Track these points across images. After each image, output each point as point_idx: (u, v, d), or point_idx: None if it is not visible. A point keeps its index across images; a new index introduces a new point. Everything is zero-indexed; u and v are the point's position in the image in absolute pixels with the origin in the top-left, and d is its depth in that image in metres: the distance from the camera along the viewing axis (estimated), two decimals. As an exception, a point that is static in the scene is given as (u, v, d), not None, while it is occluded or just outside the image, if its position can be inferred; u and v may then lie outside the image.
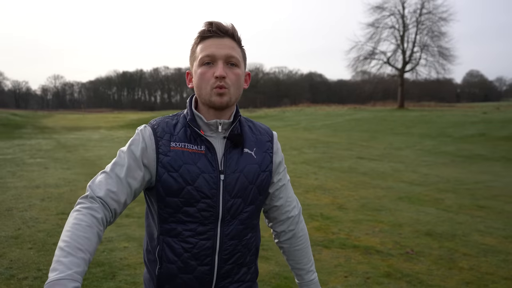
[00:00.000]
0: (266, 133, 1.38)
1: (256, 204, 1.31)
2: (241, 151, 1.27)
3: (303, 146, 15.19)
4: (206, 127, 1.25)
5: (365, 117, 26.64)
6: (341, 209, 6.02)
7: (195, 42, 1.25)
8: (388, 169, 10.03)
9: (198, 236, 1.21)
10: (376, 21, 38.31)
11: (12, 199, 6.24)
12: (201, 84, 1.21)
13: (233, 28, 1.23)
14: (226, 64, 1.21)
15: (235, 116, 1.29)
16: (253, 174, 1.27)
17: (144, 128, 1.26)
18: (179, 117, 1.30)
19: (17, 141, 16.58)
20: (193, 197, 1.20)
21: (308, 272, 1.42)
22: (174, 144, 1.21)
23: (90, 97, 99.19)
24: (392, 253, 4.18)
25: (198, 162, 1.20)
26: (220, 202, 1.22)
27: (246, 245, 1.30)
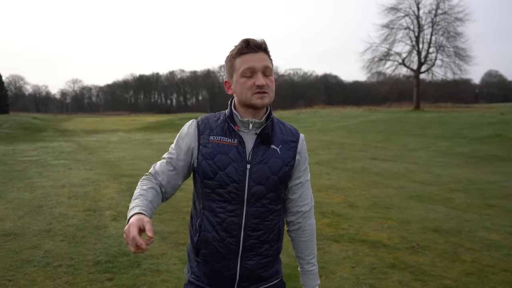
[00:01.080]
0: (293, 134, 1.61)
1: (276, 192, 1.54)
2: (268, 147, 1.51)
3: (317, 147, 15.39)
4: (241, 124, 1.51)
5: (380, 118, 26.65)
6: (352, 207, 6.25)
7: (232, 56, 1.49)
8: (401, 169, 10.19)
9: (227, 213, 1.48)
10: (391, 22, 38.17)
11: (41, 197, 6.65)
12: (243, 91, 1.47)
13: (264, 43, 1.49)
14: (263, 74, 1.46)
15: (267, 117, 1.54)
16: (276, 166, 1.50)
17: (191, 123, 1.57)
18: (221, 115, 1.57)
19: (40, 143, 17.19)
20: (224, 181, 1.46)
21: (308, 263, 1.65)
22: (213, 138, 1.49)
23: (108, 101, 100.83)
24: (398, 247, 4.41)
25: (230, 153, 1.47)
26: (246, 187, 1.47)
27: (267, 225, 1.52)
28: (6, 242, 4.43)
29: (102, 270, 3.72)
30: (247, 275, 1.52)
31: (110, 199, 6.55)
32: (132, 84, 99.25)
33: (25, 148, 14.87)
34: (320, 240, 4.65)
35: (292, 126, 1.65)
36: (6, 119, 29.10)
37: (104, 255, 4.08)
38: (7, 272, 3.65)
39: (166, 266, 3.84)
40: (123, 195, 6.84)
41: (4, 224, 5.11)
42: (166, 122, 32.40)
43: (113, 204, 6.25)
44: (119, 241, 4.49)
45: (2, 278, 3.51)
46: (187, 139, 1.53)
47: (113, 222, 5.26)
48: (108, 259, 3.98)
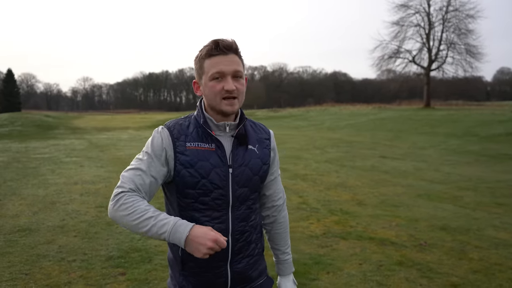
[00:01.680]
0: (265, 132, 1.61)
1: (258, 191, 1.57)
2: (246, 148, 1.49)
3: (326, 145, 15.40)
4: (216, 128, 1.47)
5: (389, 116, 26.53)
6: (360, 205, 6.28)
7: (201, 57, 1.43)
8: (410, 168, 10.17)
9: (213, 220, 1.43)
10: (401, 19, 37.92)
11: (54, 194, 6.79)
12: (212, 95, 1.42)
13: (235, 44, 1.42)
14: (233, 77, 1.41)
15: (241, 118, 1.51)
16: (257, 167, 1.51)
17: (162, 129, 1.46)
18: (190, 119, 1.51)
19: (51, 141, 17.45)
20: (207, 189, 1.41)
21: (283, 253, 1.70)
22: (190, 144, 1.42)
23: (118, 98, 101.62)
24: (406, 244, 4.45)
25: (211, 159, 1.42)
26: (230, 191, 1.44)
27: (252, 225, 1.54)
28: (21, 237, 4.55)
29: (114, 265, 3.82)
30: (238, 278, 1.52)
31: (122, 196, 6.66)
32: (142, 82, 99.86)
33: (37, 146, 15.11)
34: (328, 237, 4.70)
35: (260, 123, 1.66)
36: (19, 117, 29.53)
37: (116, 251, 4.18)
38: (23, 266, 3.77)
39: (176, 261, 3.92)
40: (134, 192, 6.94)
41: (20, 220, 5.25)
42: (175, 120, 32.51)
43: (125, 201, 6.35)
44: (131, 237, 4.59)
45: (19, 272, 3.63)
46: (161, 147, 1.42)
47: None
48: (120, 254, 4.08)
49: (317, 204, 6.29)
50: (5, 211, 5.65)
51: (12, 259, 3.92)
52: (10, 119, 27.25)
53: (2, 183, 7.63)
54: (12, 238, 4.54)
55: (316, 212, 5.82)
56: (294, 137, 18.74)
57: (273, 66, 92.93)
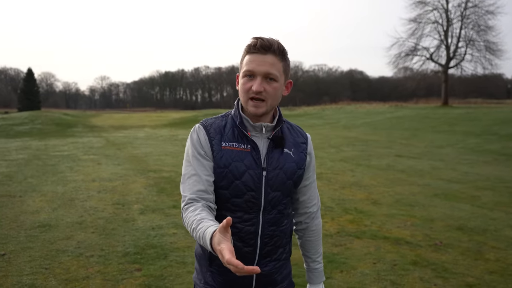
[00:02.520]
0: (302, 135, 1.57)
1: (291, 196, 1.54)
2: (282, 151, 1.46)
3: (341, 144, 15.32)
4: (252, 128, 1.44)
5: (406, 114, 26.22)
6: (375, 204, 6.25)
7: (244, 53, 1.41)
8: (426, 167, 10.05)
9: (244, 222, 1.42)
10: (418, 16, 37.37)
11: (73, 191, 6.94)
12: (241, 92, 1.41)
13: (276, 44, 1.37)
14: (265, 79, 1.36)
15: (278, 120, 1.47)
16: (291, 171, 1.46)
17: (199, 128, 1.46)
18: (227, 118, 1.49)
19: (70, 139, 17.77)
20: (240, 190, 1.40)
21: (314, 261, 1.66)
22: (225, 144, 1.41)
23: (135, 97, 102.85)
24: (421, 244, 4.42)
25: (245, 160, 1.40)
26: (263, 195, 1.42)
27: (283, 230, 1.50)
28: (41, 233, 4.68)
29: (131, 261, 3.90)
30: (263, 281, 1.51)
31: (138, 194, 6.77)
32: (158, 80, 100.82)
33: (56, 143, 15.42)
34: (342, 236, 4.70)
35: (298, 125, 1.62)
36: (39, 115, 30.14)
37: (132, 247, 4.26)
38: (43, 261, 3.87)
39: (191, 258, 3.98)
40: (150, 190, 7.05)
41: (40, 216, 5.39)
42: (191, 118, 32.82)
43: (141, 198, 6.46)
44: (147, 234, 4.67)
45: (39, 267, 3.74)
46: (200, 145, 1.43)
47: (141, 216, 5.45)
48: (137, 250, 4.16)
49: (331, 202, 6.29)
50: (26, 207, 5.80)
51: (33, 254, 4.03)
52: (31, 117, 27.85)
53: (23, 180, 7.83)
54: (33, 233, 4.67)
55: (331, 210, 5.81)
56: (309, 136, 18.68)
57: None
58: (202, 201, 1.36)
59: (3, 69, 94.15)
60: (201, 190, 1.37)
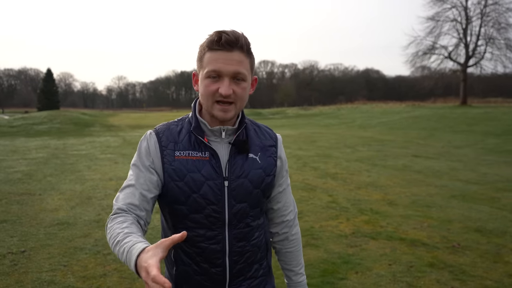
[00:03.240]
0: (271, 137, 1.39)
1: (260, 206, 1.36)
2: (246, 156, 1.29)
3: (357, 144, 15.20)
4: (210, 133, 1.27)
5: (423, 114, 25.86)
6: (391, 205, 6.19)
7: (203, 48, 1.23)
8: (444, 167, 9.90)
9: (207, 241, 1.26)
10: (437, 14, 36.84)
11: (90, 189, 7.05)
12: (205, 96, 1.22)
13: (242, 38, 1.20)
14: (233, 79, 1.20)
15: (241, 122, 1.31)
16: (258, 178, 1.30)
17: (149, 135, 1.29)
18: (183, 123, 1.32)
19: (88, 138, 18.05)
20: (199, 204, 1.23)
21: (297, 274, 1.48)
22: (179, 153, 1.24)
23: (151, 97, 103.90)
24: (438, 246, 4.35)
25: (202, 170, 1.23)
26: (226, 208, 1.25)
27: (255, 244, 1.34)
28: (60, 231, 4.77)
29: (147, 259, 3.94)
30: None
31: (154, 192, 6.84)
32: (174, 80, 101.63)
33: (74, 143, 15.69)
34: (357, 237, 4.67)
35: (267, 126, 1.45)
36: (57, 114, 30.69)
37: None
38: (62, 258, 3.95)
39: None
40: (166, 189, 7.12)
41: (58, 213, 5.50)
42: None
43: (157, 197, 6.52)
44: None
45: (58, 264, 3.81)
46: (148, 155, 1.26)
47: (156, 214, 5.51)
48: (153, 249, 4.20)
49: (347, 203, 6.25)
50: (45, 205, 5.92)
51: (52, 251, 4.12)
52: (49, 117, 28.37)
53: (42, 178, 7.99)
54: (52, 231, 4.77)
55: (346, 211, 5.78)
56: (324, 135, 18.60)
57: (303, 64, 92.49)
58: (133, 214, 1.17)
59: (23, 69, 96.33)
60: (133, 204, 1.19)
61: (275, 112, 41.91)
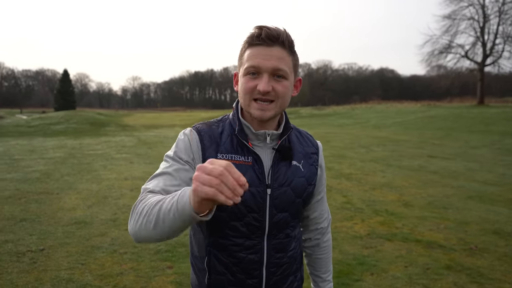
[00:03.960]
0: (313, 144, 1.35)
1: (299, 216, 1.34)
2: (289, 164, 1.24)
3: (372, 144, 15.08)
4: (254, 136, 1.22)
5: (439, 114, 25.53)
6: (406, 206, 6.12)
7: (244, 45, 1.18)
8: (460, 168, 9.76)
9: (245, 250, 1.21)
10: (453, 12, 36.32)
11: (106, 188, 7.15)
12: (243, 93, 1.17)
13: (284, 34, 1.14)
14: (273, 76, 1.14)
15: (285, 126, 1.26)
16: (301, 188, 1.25)
17: (190, 132, 1.22)
18: (224, 124, 1.26)
19: (103, 138, 18.28)
20: (240, 212, 1.17)
21: (324, 280, 1.45)
22: (221, 156, 1.17)
23: (165, 97, 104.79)
24: (455, 248, 4.30)
25: (245, 175, 1.14)
26: (267, 216, 1.20)
27: (292, 256, 1.30)
28: (77, 230, 4.85)
29: (162, 259, 3.99)
30: None
31: (169, 192, 6.90)
32: (188, 80, 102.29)
33: (90, 142, 15.90)
34: (373, 238, 4.63)
35: (307, 132, 1.40)
36: (74, 114, 31.15)
37: (164, 245, 4.35)
38: (79, 256, 4.02)
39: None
40: (180, 189, 7.17)
41: (76, 212, 5.59)
42: (220, 117, 33.02)
43: (172, 197, 6.58)
44: (178, 232, 4.75)
45: (75, 262, 3.88)
46: (189, 152, 1.18)
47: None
48: (168, 248, 4.24)
49: (361, 204, 6.20)
50: (63, 204, 6.03)
51: (70, 250, 4.19)
52: (66, 117, 28.81)
53: (60, 178, 8.13)
54: (70, 229, 4.85)
55: (361, 212, 5.74)
56: (338, 136, 18.50)
57: (317, 63, 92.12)
58: None
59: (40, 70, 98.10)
60: (167, 191, 1.08)
61: (289, 112, 41.75)
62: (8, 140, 16.89)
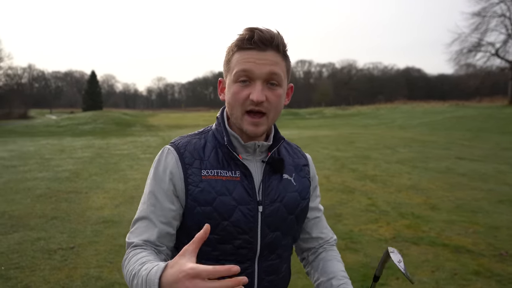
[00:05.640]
0: (302, 155, 1.26)
1: (292, 235, 1.20)
2: (280, 178, 1.14)
3: (397, 145, 14.83)
4: (243, 149, 1.11)
5: (468, 114, 24.87)
6: (433, 209, 6.00)
7: (231, 49, 1.07)
8: (491, 170, 9.48)
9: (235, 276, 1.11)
10: (483, 10, 35.29)
11: (133, 188, 7.30)
12: (233, 104, 1.05)
13: (278, 37, 1.04)
14: (266, 83, 1.03)
15: (275, 137, 1.16)
16: (293, 203, 1.14)
17: (168, 152, 1.10)
18: (207, 136, 1.15)
19: (129, 138, 18.65)
20: (229, 234, 1.06)
21: (338, 278, 1.18)
22: (206, 173, 1.06)
23: (189, 97, 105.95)
24: (484, 253, 4.19)
25: (234, 192, 1.06)
26: (259, 237, 1.09)
27: (283, 278, 1.20)
28: (105, 228, 4.98)
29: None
30: None
31: (193, 192, 6.99)
32: (212, 81, 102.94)
33: (117, 142, 16.26)
34: (398, 241, 4.57)
35: (295, 144, 1.31)
36: (101, 115, 31.90)
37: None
38: (108, 255, 4.13)
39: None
40: (204, 189, 7.26)
41: (104, 212, 5.73)
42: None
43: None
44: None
45: (104, 260, 3.99)
46: (167, 178, 1.07)
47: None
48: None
49: (386, 206, 6.12)
50: (91, 203, 6.19)
51: (98, 248, 4.31)
52: (93, 117, 29.55)
53: (88, 177, 8.35)
54: (98, 228, 4.98)
55: (386, 215, 5.66)
56: (363, 136, 18.27)
57: (341, 63, 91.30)
58: (152, 248, 1.02)
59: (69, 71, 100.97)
60: (149, 241, 1.02)
61: (312, 112, 41.59)
62: (39, 140, 17.46)
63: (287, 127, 25.90)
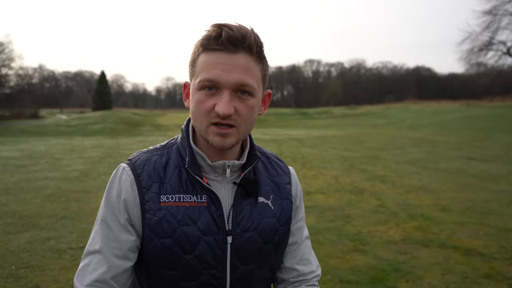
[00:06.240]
0: (284, 172, 1.08)
1: (270, 265, 1.03)
2: (255, 201, 0.98)
3: (407, 145, 14.72)
4: (210, 169, 0.95)
5: (479, 114, 24.60)
6: (443, 210, 5.94)
7: (197, 48, 0.90)
8: (502, 171, 9.36)
9: None
10: (494, 8, 34.77)
11: (142, 188, 7.33)
12: (197, 114, 0.90)
13: (252, 36, 0.87)
14: (236, 92, 0.87)
15: (250, 154, 0.99)
16: (270, 231, 0.98)
17: (122, 173, 0.95)
18: (170, 152, 0.99)
19: (138, 137, 18.78)
20: (193, 269, 0.92)
21: None
22: (166, 198, 0.91)
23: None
24: (495, 256, 4.13)
25: (199, 221, 0.91)
26: (228, 271, 0.94)
27: None
28: (114, 228, 5.00)
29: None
30: None
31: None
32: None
33: (126, 142, 16.37)
34: (408, 243, 4.53)
35: (276, 155, 1.13)
36: (110, 114, 32.14)
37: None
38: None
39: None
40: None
41: (113, 211, 5.76)
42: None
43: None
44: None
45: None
46: (120, 204, 0.93)
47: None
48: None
49: (396, 207, 6.07)
50: (101, 203, 6.22)
51: (107, 248, 4.32)
52: (103, 117, 29.79)
53: (97, 177, 8.40)
54: (107, 228, 5.00)
55: (395, 216, 5.62)
56: (372, 136, 18.17)
57: (350, 62, 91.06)
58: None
59: (79, 71, 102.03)
60: (102, 281, 0.89)
61: (321, 112, 41.48)
62: (49, 139, 17.65)
63: (296, 126, 25.87)
